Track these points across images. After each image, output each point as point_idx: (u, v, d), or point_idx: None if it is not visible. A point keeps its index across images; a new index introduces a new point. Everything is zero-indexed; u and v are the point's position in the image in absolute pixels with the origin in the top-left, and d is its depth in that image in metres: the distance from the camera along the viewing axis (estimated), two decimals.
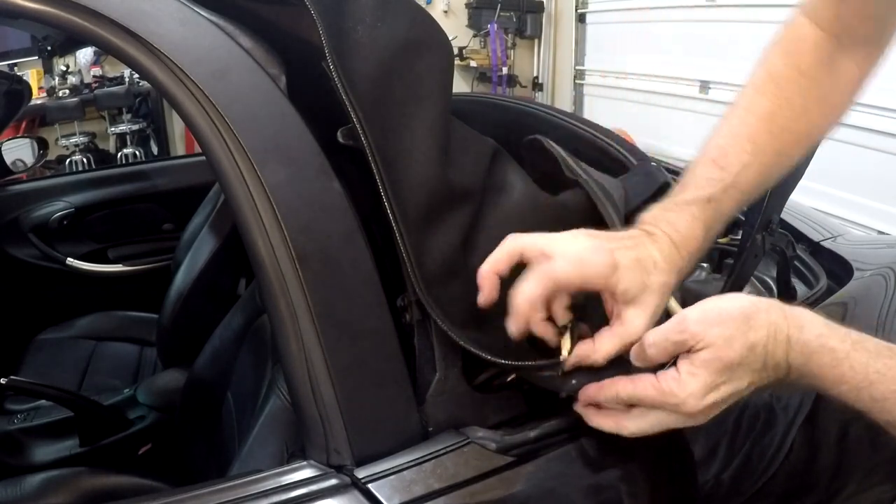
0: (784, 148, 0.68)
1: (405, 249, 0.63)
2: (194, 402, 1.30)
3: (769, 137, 0.67)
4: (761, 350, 0.56)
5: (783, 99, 0.68)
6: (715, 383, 0.57)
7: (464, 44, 4.85)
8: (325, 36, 0.62)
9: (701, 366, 0.57)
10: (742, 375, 0.57)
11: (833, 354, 0.55)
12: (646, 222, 0.66)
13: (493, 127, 0.89)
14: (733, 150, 0.67)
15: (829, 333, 0.56)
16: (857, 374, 0.54)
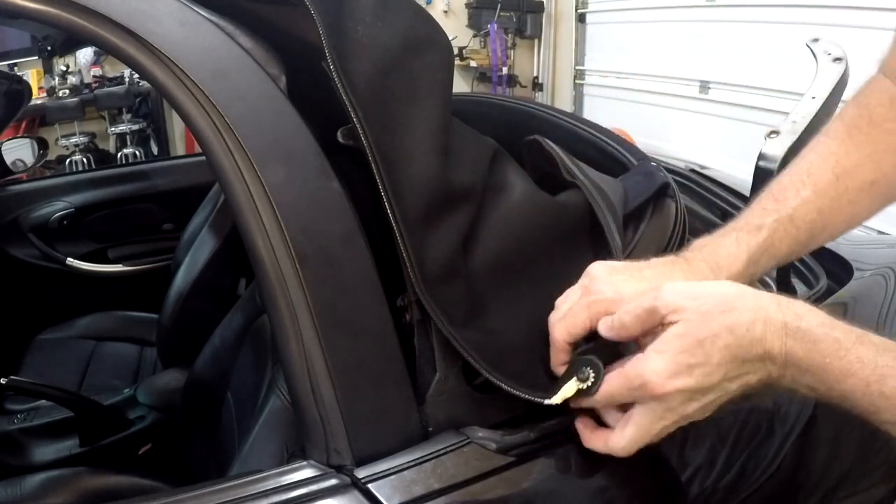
0: (847, 193, 0.66)
1: (405, 249, 0.63)
2: (194, 402, 1.30)
3: (831, 178, 0.66)
4: (745, 334, 0.52)
5: (851, 144, 0.67)
6: (685, 363, 0.53)
7: (464, 44, 4.84)
8: (325, 36, 0.62)
9: (669, 341, 0.53)
10: (721, 361, 0.53)
11: (838, 344, 0.51)
12: (692, 247, 0.65)
13: (493, 127, 0.89)
14: (792, 186, 0.66)
15: (832, 324, 0.53)
16: (865, 366, 0.50)
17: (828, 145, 0.68)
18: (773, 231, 0.64)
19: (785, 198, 0.65)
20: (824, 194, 0.65)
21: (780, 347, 0.53)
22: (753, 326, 0.53)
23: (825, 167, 0.66)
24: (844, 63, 0.85)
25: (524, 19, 4.81)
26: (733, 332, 0.53)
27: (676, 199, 0.78)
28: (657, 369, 0.53)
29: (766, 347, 0.53)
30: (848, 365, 0.51)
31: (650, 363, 0.54)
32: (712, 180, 1.22)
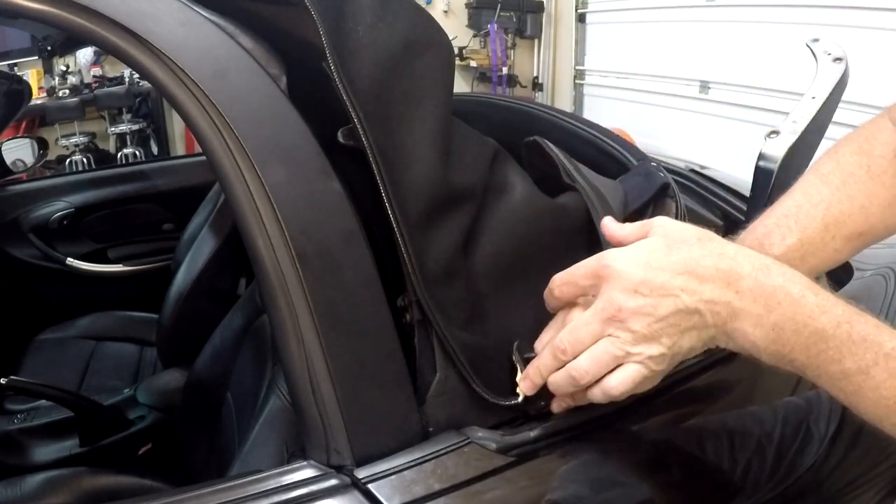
0: (833, 241, 0.65)
1: (406, 250, 0.63)
2: (194, 402, 1.30)
3: (819, 226, 0.65)
4: (714, 248, 0.54)
5: (844, 194, 0.65)
6: (646, 257, 0.54)
7: (464, 44, 4.84)
8: (325, 36, 0.62)
9: (641, 242, 0.57)
10: (679, 261, 0.54)
11: (813, 283, 0.52)
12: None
13: (494, 127, 0.89)
14: (778, 230, 0.65)
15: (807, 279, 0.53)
16: (836, 306, 0.50)
17: (820, 191, 0.66)
18: None
19: (770, 243, 0.64)
20: (810, 242, 0.64)
21: (750, 271, 0.52)
22: (725, 246, 0.54)
23: (814, 214, 0.65)
24: (844, 63, 0.85)
25: (524, 19, 4.81)
26: (701, 242, 0.54)
27: (676, 200, 0.78)
28: (617, 251, 0.56)
29: (732, 265, 0.53)
30: (822, 301, 0.51)
31: (615, 249, 0.56)
32: (712, 180, 1.22)
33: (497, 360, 0.67)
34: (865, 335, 0.49)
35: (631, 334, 0.55)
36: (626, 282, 0.54)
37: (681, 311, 0.54)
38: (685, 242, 0.55)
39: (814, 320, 0.51)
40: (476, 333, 0.67)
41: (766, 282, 0.52)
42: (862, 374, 0.49)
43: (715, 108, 3.59)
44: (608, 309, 0.55)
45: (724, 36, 3.47)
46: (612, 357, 0.56)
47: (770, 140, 0.81)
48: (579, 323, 0.58)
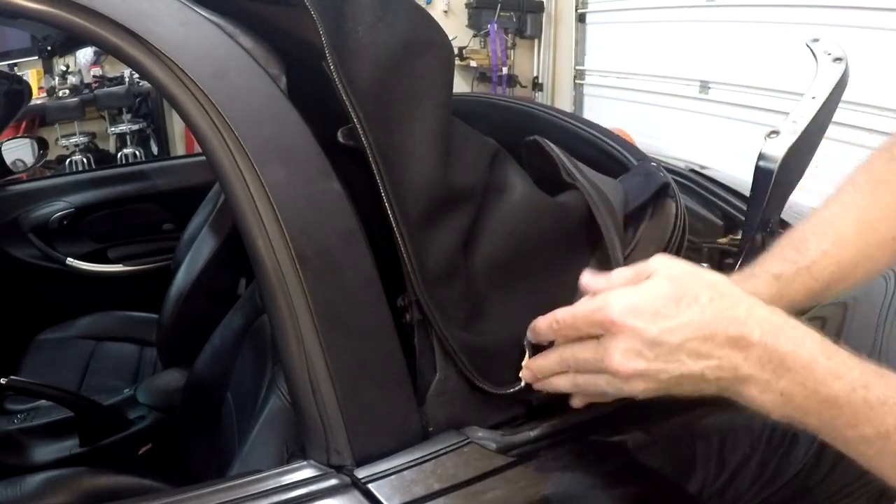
0: (868, 247, 0.66)
1: (406, 250, 0.63)
2: (194, 402, 1.30)
3: (854, 231, 0.65)
4: (725, 308, 0.51)
5: (878, 199, 0.66)
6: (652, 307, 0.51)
7: (464, 44, 4.84)
8: (325, 36, 0.62)
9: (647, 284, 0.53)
10: (689, 323, 0.51)
11: (826, 345, 0.50)
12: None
13: (493, 127, 0.89)
14: (814, 237, 0.66)
15: (820, 336, 0.51)
16: (851, 370, 0.49)
17: (854, 197, 0.67)
18: (790, 281, 0.64)
19: (806, 248, 0.65)
20: (845, 248, 0.65)
21: (759, 337, 0.50)
22: (737, 306, 0.51)
23: (849, 220, 0.66)
24: (844, 63, 0.85)
25: (524, 19, 4.80)
26: (713, 302, 0.51)
27: (676, 200, 0.78)
28: (622, 298, 0.52)
29: (743, 331, 0.50)
30: (835, 366, 0.49)
31: (619, 292, 0.52)
32: (712, 180, 1.22)
33: (497, 358, 0.67)
34: (885, 398, 0.47)
35: (628, 386, 0.54)
36: (632, 342, 0.52)
37: (684, 375, 0.52)
38: (695, 299, 0.51)
39: (826, 387, 0.48)
40: (476, 333, 0.66)
41: (776, 347, 0.50)
42: (882, 438, 0.47)
43: (715, 108, 3.59)
44: (610, 366, 0.53)
45: (724, 36, 3.47)
46: (615, 390, 0.56)
47: (770, 140, 0.81)
48: (585, 353, 0.56)
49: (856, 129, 2.70)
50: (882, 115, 2.70)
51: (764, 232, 0.84)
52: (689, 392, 0.54)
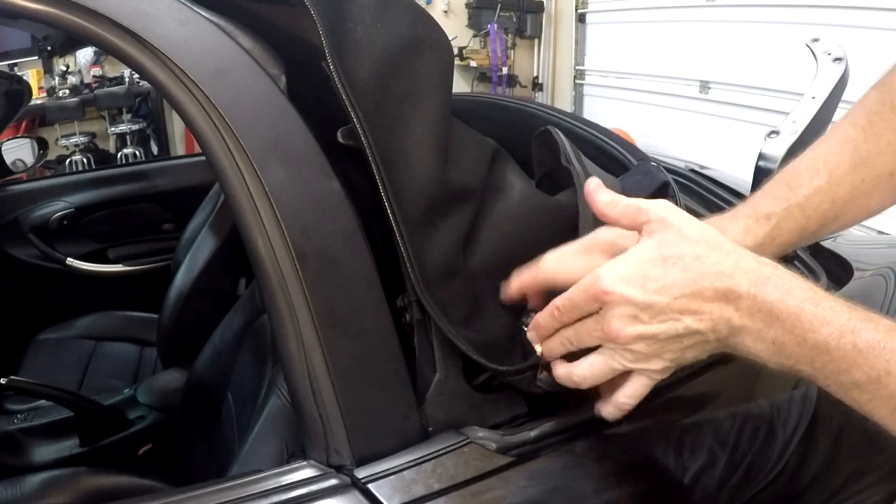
0: (863, 184, 0.63)
1: (405, 250, 0.63)
2: (194, 402, 1.30)
3: (848, 167, 0.63)
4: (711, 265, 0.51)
5: (871, 132, 0.64)
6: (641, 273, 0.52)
7: (464, 44, 4.85)
8: (325, 36, 0.62)
9: (635, 251, 0.54)
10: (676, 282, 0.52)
11: (814, 292, 0.50)
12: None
13: (493, 127, 0.89)
14: (807, 173, 0.63)
15: (809, 283, 0.51)
16: (839, 315, 0.49)
17: (847, 132, 0.64)
18: (782, 220, 0.62)
19: (798, 185, 0.62)
20: (839, 184, 0.62)
21: (748, 288, 0.51)
22: (723, 260, 0.51)
23: (843, 154, 0.63)
24: (844, 63, 0.85)
25: (524, 19, 4.81)
26: (698, 259, 0.51)
27: (676, 199, 0.78)
28: (612, 269, 0.53)
29: (730, 284, 0.51)
30: (823, 312, 0.49)
31: (609, 264, 0.54)
32: (712, 180, 1.22)
33: (497, 352, 0.66)
34: (874, 343, 0.47)
35: (632, 354, 0.55)
36: (626, 308, 0.53)
37: (681, 333, 0.53)
38: (680, 258, 0.52)
39: (814, 333, 0.49)
40: (476, 331, 0.66)
41: (763, 297, 0.50)
42: (874, 383, 0.47)
43: (715, 108, 3.59)
44: (609, 333, 0.54)
45: (724, 36, 3.47)
46: (611, 370, 0.56)
47: (770, 140, 0.81)
48: (586, 326, 0.57)
49: None
50: None
51: None
52: (695, 355, 0.55)
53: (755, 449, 0.76)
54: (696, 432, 0.75)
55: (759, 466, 0.75)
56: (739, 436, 0.75)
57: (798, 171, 0.64)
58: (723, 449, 0.74)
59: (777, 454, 0.76)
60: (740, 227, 0.62)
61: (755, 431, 0.76)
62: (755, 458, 0.75)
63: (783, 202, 0.62)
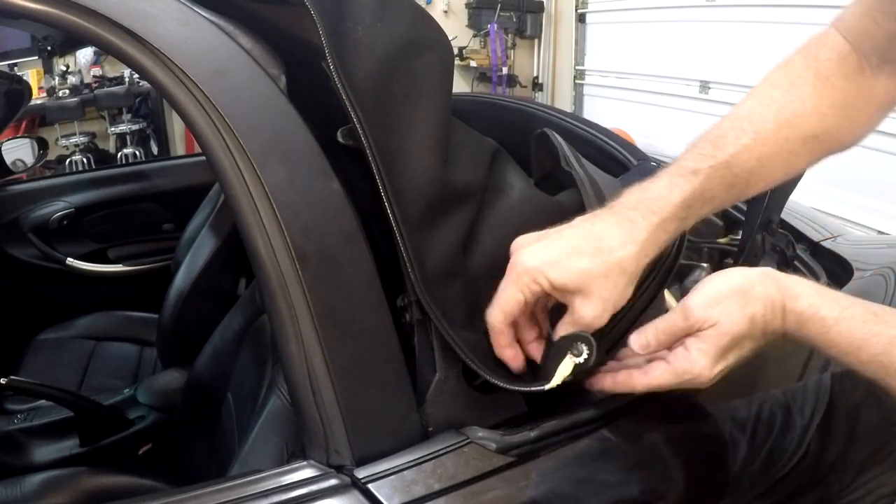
0: (787, 143, 0.65)
1: (405, 250, 0.63)
2: (194, 402, 1.30)
3: (773, 126, 0.65)
4: (760, 320, 0.60)
5: (795, 95, 0.66)
6: (722, 355, 0.60)
7: (464, 44, 4.85)
8: (325, 36, 0.62)
9: (709, 342, 0.60)
10: (745, 345, 0.61)
11: (823, 322, 0.58)
12: (621, 194, 0.64)
13: (493, 127, 0.89)
14: (732, 132, 0.64)
15: (821, 303, 0.59)
16: (844, 339, 0.57)
17: (770, 94, 0.66)
18: (708, 177, 0.63)
19: (724, 143, 0.64)
20: (765, 143, 0.64)
21: (780, 325, 0.60)
22: (766, 312, 0.60)
23: (767, 115, 0.65)
24: None
25: (524, 19, 4.81)
26: (753, 322, 0.60)
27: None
28: (706, 365, 0.60)
29: (773, 327, 0.60)
30: (830, 340, 0.58)
31: (699, 362, 0.60)
32: None
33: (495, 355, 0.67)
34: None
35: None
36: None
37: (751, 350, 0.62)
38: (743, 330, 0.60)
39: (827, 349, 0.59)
40: (477, 332, 0.66)
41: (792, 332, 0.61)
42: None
43: (715, 108, 3.59)
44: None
45: (724, 36, 3.47)
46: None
47: None
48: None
49: None
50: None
51: (764, 232, 0.84)
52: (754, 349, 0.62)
53: (775, 434, 0.77)
54: (693, 428, 0.75)
55: (780, 451, 0.76)
56: (756, 422, 0.77)
57: (722, 130, 0.65)
58: (742, 433, 0.75)
59: (797, 440, 0.78)
60: (664, 183, 0.63)
61: (772, 416, 0.78)
62: (776, 443, 0.77)
63: (709, 159, 0.63)
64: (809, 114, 0.66)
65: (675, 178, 0.63)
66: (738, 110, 0.67)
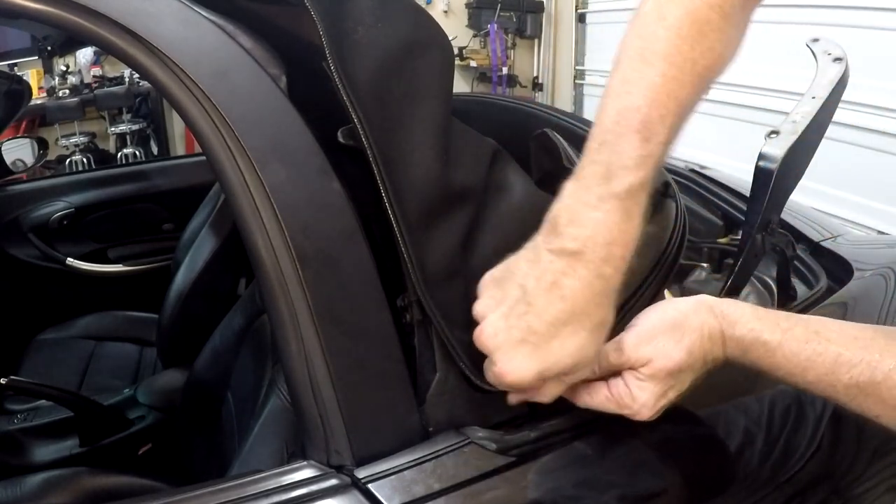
0: (699, 96, 0.60)
1: (406, 250, 0.63)
2: (194, 402, 1.30)
3: (691, 91, 0.59)
4: (698, 351, 0.59)
5: (706, 47, 0.58)
6: (663, 391, 0.60)
7: (464, 44, 4.84)
8: (325, 37, 0.62)
9: (647, 379, 0.60)
10: (686, 377, 0.61)
11: (766, 347, 0.58)
12: (565, 233, 0.55)
13: (493, 127, 0.89)
14: (655, 114, 0.55)
15: (761, 327, 0.59)
16: (788, 362, 0.57)
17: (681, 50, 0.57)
18: (653, 179, 0.56)
19: (653, 133, 0.55)
20: (685, 108, 0.58)
21: (721, 352, 0.61)
22: (703, 342, 0.60)
23: (686, 81, 0.58)
24: (844, 63, 0.85)
25: (524, 19, 4.81)
26: (691, 354, 0.60)
27: (676, 199, 0.78)
28: (646, 402, 0.60)
29: (714, 355, 0.61)
30: (775, 363, 0.58)
31: (639, 398, 0.60)
32: (712, 180, 1.22)
33: None
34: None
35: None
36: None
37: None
38: (681, 362, 0.60)
39: (772, 373, 0.60)
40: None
41: (735, 358, 0.61)
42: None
43: (715, 108, 3.59)
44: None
45: None
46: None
47: (770, 140, 0.80)
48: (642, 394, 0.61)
49: (856, 129, 2.70)
50: (881, 114, 2.70)
51: (764, 232, 0.84)
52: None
53: (789, 427, 0.78)
54: (693, 427, 0.75)
55: (796, 444, 0.77)
56: (771, 414, 0.78)
57: (646, 114, 0.55)
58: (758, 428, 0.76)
59: (811, 433, 0.79)
60: (619, 215, 0.54)
61: (786, 410, 0.79)
62: (791, 435, 0.77)
63: (649, 159, 0.55)
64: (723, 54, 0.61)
65: (625, 203, 0.54)
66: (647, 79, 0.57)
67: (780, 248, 0.97)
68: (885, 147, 2.75)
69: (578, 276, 0.55)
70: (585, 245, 0.54)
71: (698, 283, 1.06)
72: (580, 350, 0.56)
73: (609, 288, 0.55)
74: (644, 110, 0.55)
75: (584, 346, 0.56)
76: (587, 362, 0.58)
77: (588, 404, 0.63)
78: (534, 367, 0.56)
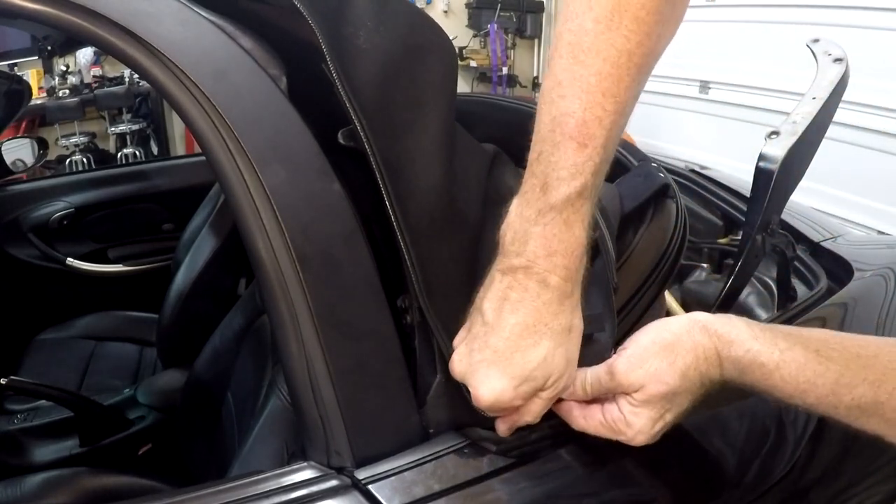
0: (641, 85, 0.56)
1: (409, 257, 0.62)
2: (194, 402, 1.30)
3: (630, 83, 0.54)
4: (693, 373, 0.57)
5: (643, 34, 0.54)
6: (659, 415, 0.58)
7: (464, 44, 4.85)
8: (324, 42, 0.61)
9: (640, 405, 0.58)
10: (682, 401, 0.58)
11: (763, 369, 0.55)
12: (510, 251, 0.55)
13: (493, 127, 0.89)
14: (592, 116, 0.52)
15: (759, 348, 0.56)
16: (787, 384, 0.55)
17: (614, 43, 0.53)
18: (594, 186, 0.54)
19: (590, 137, 0.52)
20: (625, 109, 0.54)
21: (718, 373, 0.58)
22: (699, 364, 0.57)
23: (622, 76, 0.53)
24: (844, 63, 0.85)
25: (524, 19, 4.81)
26: (686, 377, 0.57)
27: (677, 200, 0.78)
28: (641, 428, 0.59)
29: (711, 376, 0.58)
30: (772, 385, 0.56)
31: (634, 425, 0.59)
32: (712, 180, 1.22)
33: None
34: None
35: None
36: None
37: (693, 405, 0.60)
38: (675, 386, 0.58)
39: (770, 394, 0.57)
40: None
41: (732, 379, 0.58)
42: None
43: (715, 108, 3.59)
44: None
45: (724, 36, 3.47)
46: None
47: (770, 140, 0.81)
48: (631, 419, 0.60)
49: (856, 129, 2.70)
50: (881, 114, 2.70)
51: (764, 233, 0.84)
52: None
53: (767, 447, 0.77)
54: (697, 432, 0.75)
55: (770, 464, 0.76)
56: (749, 434, 0.76)
57: (580, 119, 0.52)
58: (731, 448, 0.74)
59: (789, 454, 0.77)
60: (559, 226, 0.54)
61: (765, 430, 0.77)
62: (767, 455, 0.76)
63: (587, 165, 0.53)
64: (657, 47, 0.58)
65: (564, 215, 0.53)
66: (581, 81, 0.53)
67: (780, 249, 0.97)
68: (885, 147, 2.75)
69: (524, 288, 0.55)
70: (529, 259, 0.55)
71: (698, 284, 1.06)
72: (546, 359, 0.56)
73: (560, 295, 0.55)
74: (579, 115, 0.52)
75: (548, 354, 0.56)
76: (559, 371, 0.57)
77: (584, 428, 0.61)
78: (503, 384, 0.56)
